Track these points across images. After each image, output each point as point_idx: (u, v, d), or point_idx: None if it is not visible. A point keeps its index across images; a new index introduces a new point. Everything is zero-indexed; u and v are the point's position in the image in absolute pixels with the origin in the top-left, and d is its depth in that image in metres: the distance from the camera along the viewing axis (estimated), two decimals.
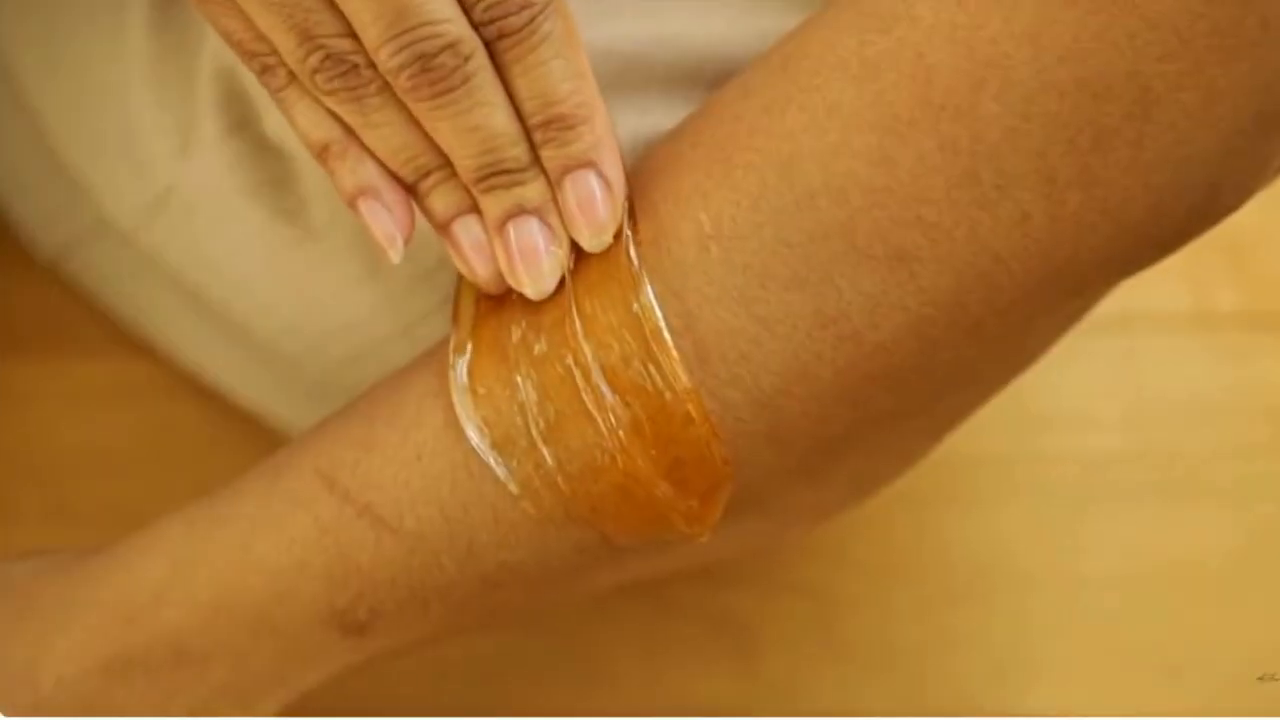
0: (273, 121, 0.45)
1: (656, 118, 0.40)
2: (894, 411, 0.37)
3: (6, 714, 0.40)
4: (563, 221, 0.37)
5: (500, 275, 0.37)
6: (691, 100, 0.40)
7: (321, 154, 0.37)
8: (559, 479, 0.36)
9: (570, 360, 0.36)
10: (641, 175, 0.38)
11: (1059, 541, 0.62)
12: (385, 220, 0.37)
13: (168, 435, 0.60)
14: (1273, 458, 0.63)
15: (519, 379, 0.36)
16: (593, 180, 0.36)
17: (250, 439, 0.59)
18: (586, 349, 0.36)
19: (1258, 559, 0.62)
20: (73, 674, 0.40)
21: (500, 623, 0.41)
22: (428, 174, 0.36)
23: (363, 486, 0.38)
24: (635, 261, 0.36)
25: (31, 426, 0.60)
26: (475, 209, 0.37)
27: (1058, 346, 0.44)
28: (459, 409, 0.37)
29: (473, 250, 0.37)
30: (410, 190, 0.37)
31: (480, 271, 0.37)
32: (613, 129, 0.36)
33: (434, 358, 0.39)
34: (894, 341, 0.35)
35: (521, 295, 0.37)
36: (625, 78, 0.40)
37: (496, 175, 0.36)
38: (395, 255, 0.37)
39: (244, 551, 0.39)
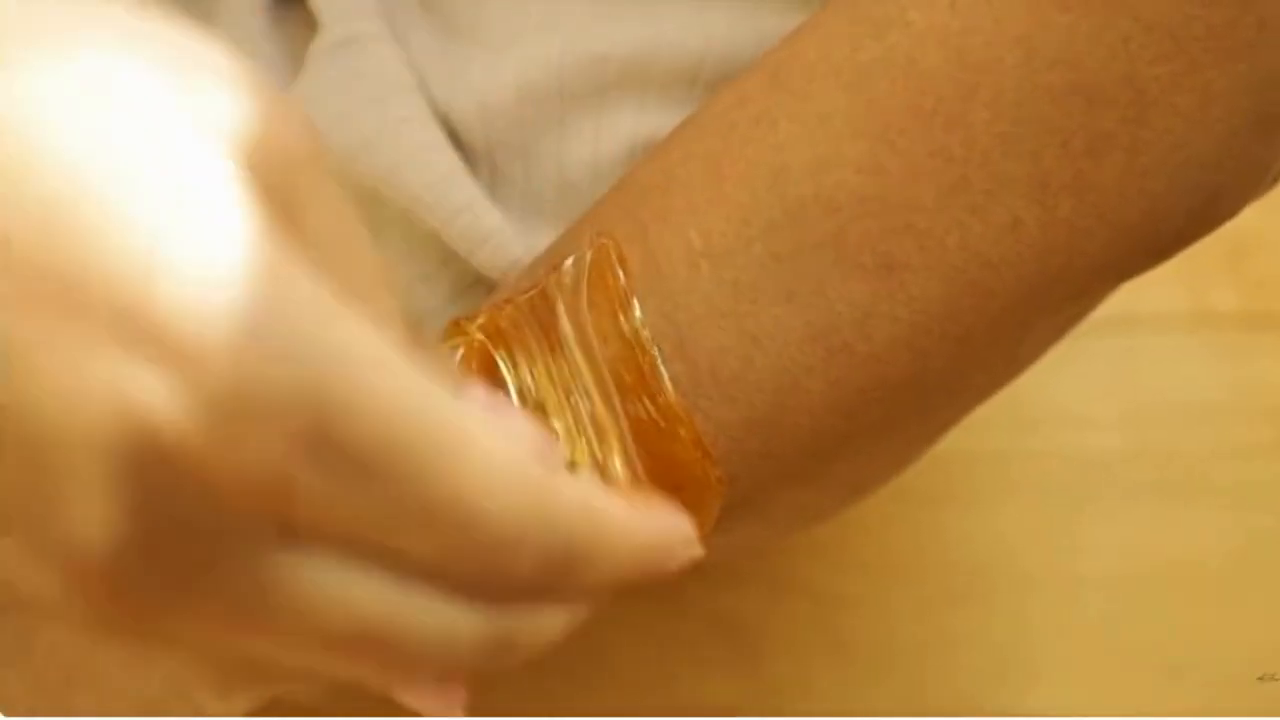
0: None
1: (655, 120, 0.40)
2: (887, 420, 0.37)
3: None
4: None
5: None
6: (690, 103, 0.40)
7: None
8: None
9: (563, 395, 0.35)
10: (630, 193, 0.37)
11: (1058, 541, 0.62)
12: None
13: None
14: (1272, 458, 0.63)
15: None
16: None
17: None
18: (588, 380, 0.35)
19: (1257, 559, 0.62)
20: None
21: None
22: None
23: None
24: (625, 288, 0.35)
25: None
26: None
27: (1056, 346, 0.44)
28: None
29: None
30: None
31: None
32: None
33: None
34: (886, 352, 0.35)
35: (519, 338, 0.36)
36: (623, 80, 0.40)
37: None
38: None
39: None
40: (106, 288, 0.18)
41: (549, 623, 0.26)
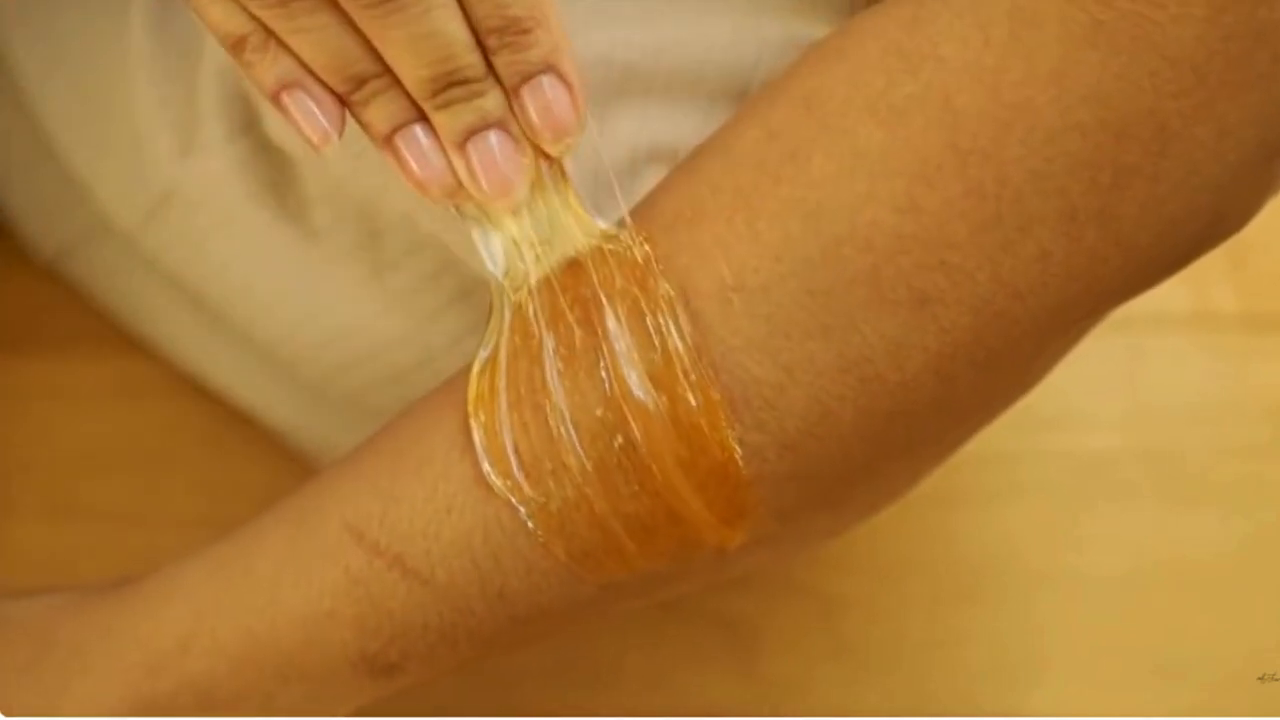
0: (273, 122, 0.45)
1: (657, 126, 0.40)
2: (910, 443, 0.37)
3: None
4: (525, 130, 0.35)
5: (452, 188, 0.36)
6: (693, 109, 0.40)
7: (236, 47, 0.34)
8: (604, 517, 0.36)
9: (602, 411, 0.35)
10: (658, 222, 0.37)
11: (1061, 541, 0.62)
12: (314, 115, 0.34)
13: (168, 435, 0.60)
14: (1273, 458, 0.63)
15: (554, 424, 0.36)
16: (551, 85, 0.35)
17: (251, 439, 0.59)
18: (629, 382, 0.35)
19: (1258, 559, 0.62)
20: None
21: (525, 650, 0.40)
22: (364, 82, 0.34)
23: (392, 539, 0.37)
24: (663, 288, 0.35)
25: (31, 426, 0.60)
26: (419, 118, 0.35)
27: None
28: (486, 468, 0.36)
29: (420, 164, 0.35)
30: (343, 102, 0.35)
31: (430, 186, 0.36)
32: (565, 33, 0.35)
33: (457, 393, 0.38)
34: (915, 381, 0.35)
35: (551, 346, 0.36)
36: (626, 86, 0.40)
37: (453, 87, 0.34)
38: (329, 150, 0.35)
39: (271, 602, 0.38)
40: None
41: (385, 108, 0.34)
